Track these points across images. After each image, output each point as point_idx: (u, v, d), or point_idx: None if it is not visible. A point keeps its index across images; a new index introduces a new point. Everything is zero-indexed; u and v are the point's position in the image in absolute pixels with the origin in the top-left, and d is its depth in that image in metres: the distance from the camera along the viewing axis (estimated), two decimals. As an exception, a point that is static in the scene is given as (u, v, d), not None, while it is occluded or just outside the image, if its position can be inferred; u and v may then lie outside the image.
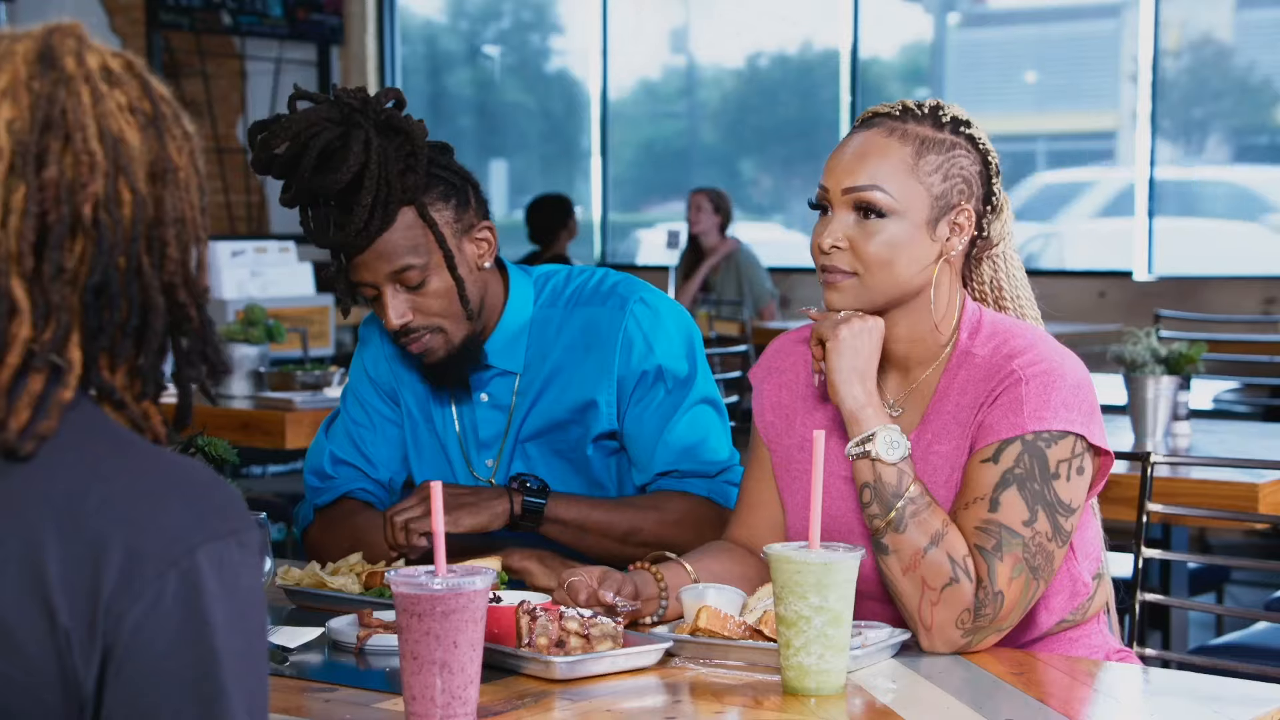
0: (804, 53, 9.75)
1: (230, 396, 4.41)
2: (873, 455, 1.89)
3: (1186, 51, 8.52)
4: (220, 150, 9.66)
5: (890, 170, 1.93)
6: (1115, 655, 2.08)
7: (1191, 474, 3.18)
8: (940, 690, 1.75)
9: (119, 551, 1.07)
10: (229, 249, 6.38)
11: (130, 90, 1.19)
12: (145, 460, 1.14)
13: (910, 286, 1.96)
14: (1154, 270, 8.19)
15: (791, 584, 1.73)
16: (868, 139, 1.96)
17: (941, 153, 1.95)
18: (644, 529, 2.28)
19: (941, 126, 1.97)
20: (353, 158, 2.16)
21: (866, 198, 1.93)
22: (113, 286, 1.14)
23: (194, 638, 1.08)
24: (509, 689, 1.76)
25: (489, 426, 2.40)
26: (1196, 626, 4.82)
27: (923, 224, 1.94)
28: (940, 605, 1.86)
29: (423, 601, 1.59)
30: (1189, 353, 3.46)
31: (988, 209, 1.99)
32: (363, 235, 2.20)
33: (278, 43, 9.72)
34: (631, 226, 10.32)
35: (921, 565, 1.86)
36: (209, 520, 1.11)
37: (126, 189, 1.15)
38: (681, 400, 2.33)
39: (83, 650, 1.07)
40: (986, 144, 2.00)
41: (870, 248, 1.93)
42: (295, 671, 1.84)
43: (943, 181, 1.94)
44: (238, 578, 1.10)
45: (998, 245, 2.06)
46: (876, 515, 1.89)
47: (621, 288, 2.37)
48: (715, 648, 1.88)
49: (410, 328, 2.27)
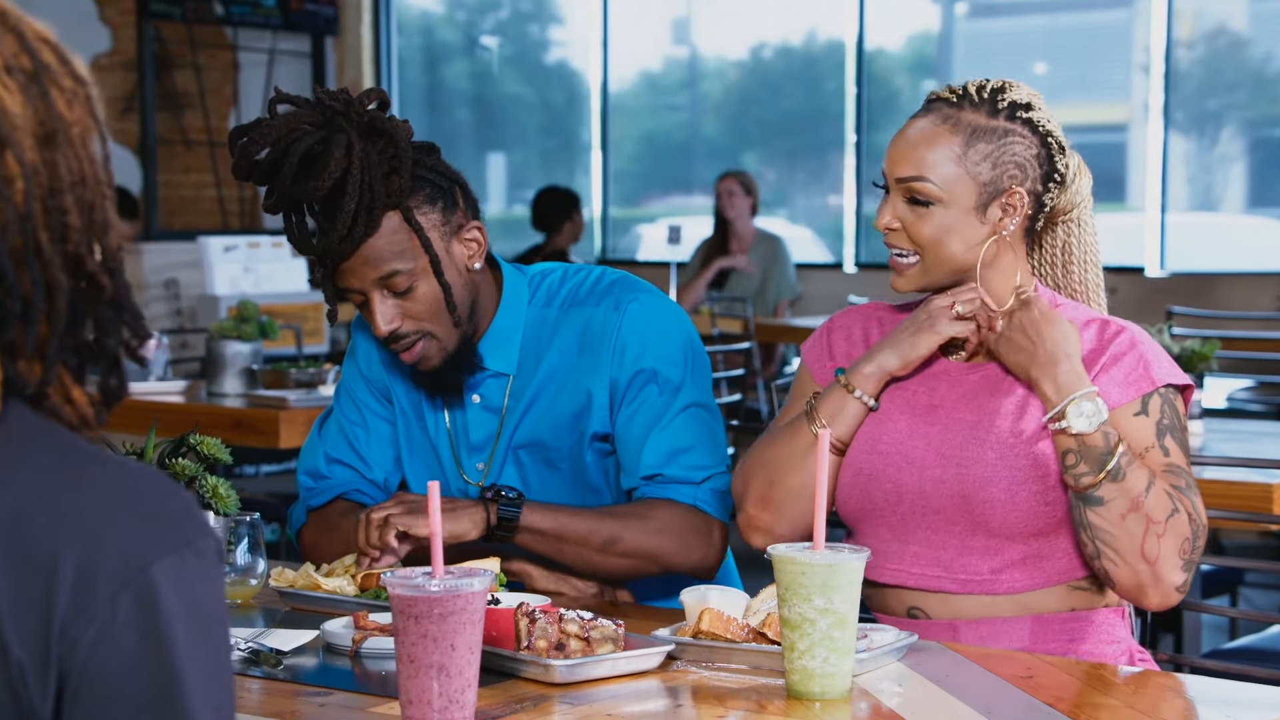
0: (809, 43, 9.75)
1: (223, 395, 4.42)
2: (1065, 427, 1.99)
3: (1200, 42, 8.53)
4: (212, 144, 9.67)
5: (937, 160, 2.08)
6: (1138, 656, 2.12)
7: (1205, 474, 3.18)
8: (948, 694, 1.76)
9: (70, 572, 1.03)
10: (221, 244, 6.38)
11: (4, 47, 1.08)
12: (91, 471, 1.08)
13: (967, 263, 2.10)
14: (1166, 266, 8.19)
15: (796, 585, 1.73)
16: (922, 127, 2.10)
17: (993, 141, 2.08)
18: (624, 538, 2.27)
19: (997, 113, 2.09)
20: (334, 163, 2.16)
21: (914, 187, 2.09)
22: (9, 275, 1.06)
23: (153, 658, 1.04)
24: (507, 693, 1.76)
25: (480, 429, 2.39)
26: (1209, 630, 4.83)
27: (970, 209, 2.08)
28: (1166, 536, 1.98)
29: (420, 604, 1.59)
30: (1202, 350, 3.46)
31: (1050, 185, 2.12)
32: (346, 242, 2.20)
33: (271, 33, 9.72)
34: (632, 222, 10.32)
35: (1145, 504, 1.98)
36: (162, 532, 1.06)
37: (14, 163, 1.06)
38: (672, 404, 2.31)
39: (38, 681, 1.03)
40: (1049, 125, 2.11)
41: (921, 231, 2.09)
42: (289, 675, 1.85)
43: (992, 169, 2.08)
44: (195, 591, 1.06)
45: (1071, 211, 2.18)
46: (1086, 473, 1.99)
47: (618, 288, 2.36)
48: (718, 651, 1.88)
49: (399, 334, 2.27)
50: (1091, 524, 1.99)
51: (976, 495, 2.06)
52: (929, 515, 2.10)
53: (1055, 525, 2.06)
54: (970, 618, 2.08)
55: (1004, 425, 2.08)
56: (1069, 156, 2.13)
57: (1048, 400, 2.01)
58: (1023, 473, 2.05)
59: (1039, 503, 2.05)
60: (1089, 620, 2.10)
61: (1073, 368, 2.01)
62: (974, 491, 2.06)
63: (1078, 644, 2.08)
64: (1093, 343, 2.10)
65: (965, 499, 2.07)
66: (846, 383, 2.14)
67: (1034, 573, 2.07)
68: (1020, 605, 2.08)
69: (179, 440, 2.24)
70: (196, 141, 9.63)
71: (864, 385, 2.13)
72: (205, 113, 9.64)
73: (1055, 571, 2.08)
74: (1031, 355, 2.03)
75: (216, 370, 4.46)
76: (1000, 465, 2.06)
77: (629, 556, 2.26)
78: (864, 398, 2.13)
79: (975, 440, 2.08)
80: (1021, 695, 1.76)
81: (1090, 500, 1.99)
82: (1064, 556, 2.08)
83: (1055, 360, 2.01)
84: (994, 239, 2.10)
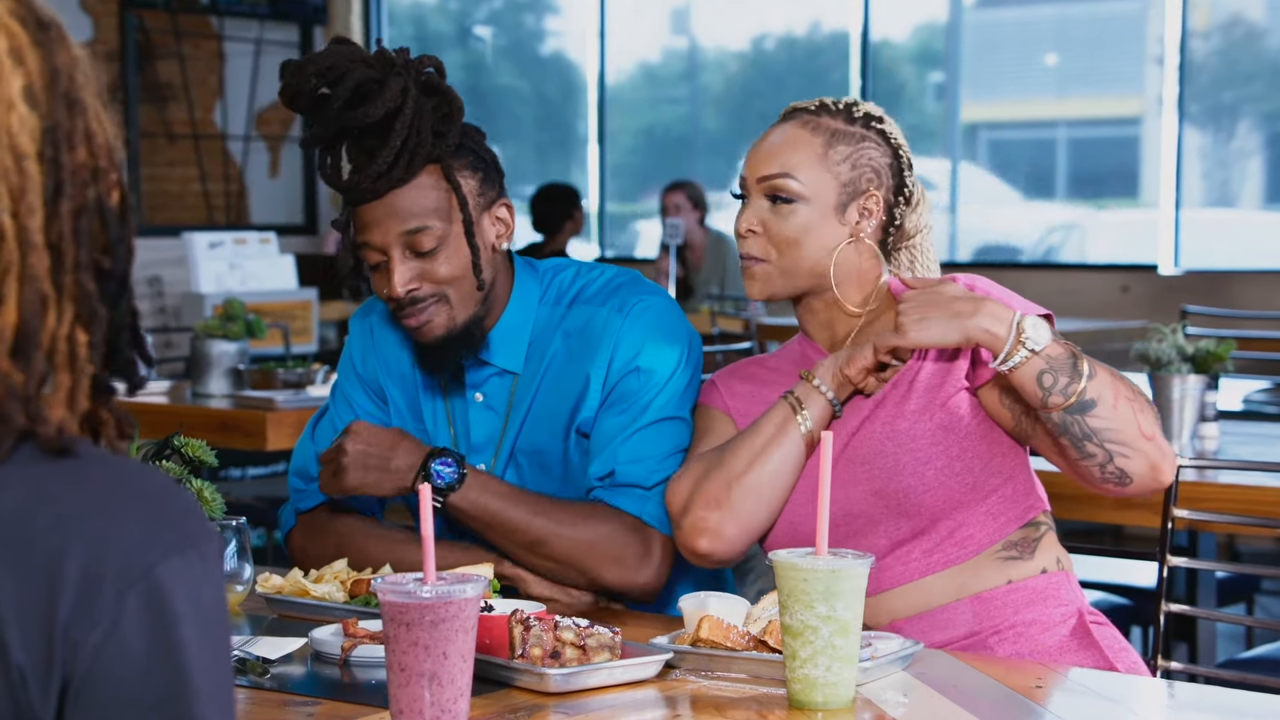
0: (812, 34, 9.76)
1: (208, 395, 4.42)
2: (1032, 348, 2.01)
3: (1216, 32, 8.53)
4: (197, 136, 9.67)
5: (801, 159, 2.19)
6: (1089, 618, 2.17)
7: (1220, 478, 3.19)
8: (954, 704, 1.76)
9: (74, 573, 1.05)
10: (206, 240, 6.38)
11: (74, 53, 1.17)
12: (94, 471, 1.10)
13: (823, 267, 2.21)
14: (1180, 263, 8.20)
15: (798, 592, 1.73)
16: (783, 130, 2.23)
17: (851, 143, 2.20)
18: (552, 544, 2.25)
19: (854, 121, 2.22)
20: (389, 97, 2.19)
21: (777, 185, 2.20)
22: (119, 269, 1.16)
23: (159, 660, 1.06)
24: (500, 702, 1.77)
25: (482, 429, 2.39)
26: (1225, 639, 4.83)
27: (830, 209, 2.19)
28: (1144, 408, 2.04)
29: (411, 610, 1.59)
30: (1217, 350, 3.46)
31: (900, 199, 2.23)
32: (382, 181, 2.21)
33: (258, 23, 9.73)
34: (630, 218, 10.33)
35: (1119, 387, 2.03)
36: (167, 533, 1.09)
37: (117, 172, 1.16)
38: (650, 410, 2.30)
39: (39, 685, 1.04)
40: (899, 139, 2.24)
41: (782, 231, 2.19)
42: (277, 684, 1.85)
43: (851, 170, 2.20)
44: (200, 592, 1.09)
45: (915, 237, 2.27)
46: (1070, 382, 2.02)
47: (627, 289, 2.36)
48: (717, 659, 1.88)
49: (416, 296, 2.27)
50: (1094, 429, 2.02)
51: (888, 487, 2.12)
52: (852, 521, 2.15)
53: (969, 495, 2.12)
54: (909, 614, 2.13)
55: (893, 411, 2.14)
56: (915, 177, 2.24)
57: (996, 338, 2.01)
58: (924, 453, 2.11)
59: (946, 477, 2.11)
60: (1029, 589, 2.15)
61: (992, 304, 2.03)
62: (884, 484, 2.13)
63: (1022, 614, 2.13)
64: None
65: (878, 495, 2.13)
66: (808, 376, 2.18)
67: (964, 544, 2.13)
68: (957, 588, 2.13)
69: (163, 442, 2.24)
70: (181, 134, 9.63)
71: (824, 377, 2.17)
72: (190, 104, 9.64)
73: (983, 537, 2.14)
74: (954, 314, 2.03)
75: (202, 370, 4.47)
76: (901, 452, 2.12)
77: (554, 561, 2.25)
78: (825, 390, 2.17)
79: (870, 436, 2.15)
80: (1031, 705, 1.76)
81: (1084, 406, 2.02)
82: (989, 521, 2.14)
83: (977, 305, 2.03)
84: (850, 242, 2.19)
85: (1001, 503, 2.15)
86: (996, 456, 2.14)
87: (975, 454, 2.12)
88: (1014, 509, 2.16)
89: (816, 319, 2.27)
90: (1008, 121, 9.63)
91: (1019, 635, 2.12)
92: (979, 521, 2.14)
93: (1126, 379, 2.07)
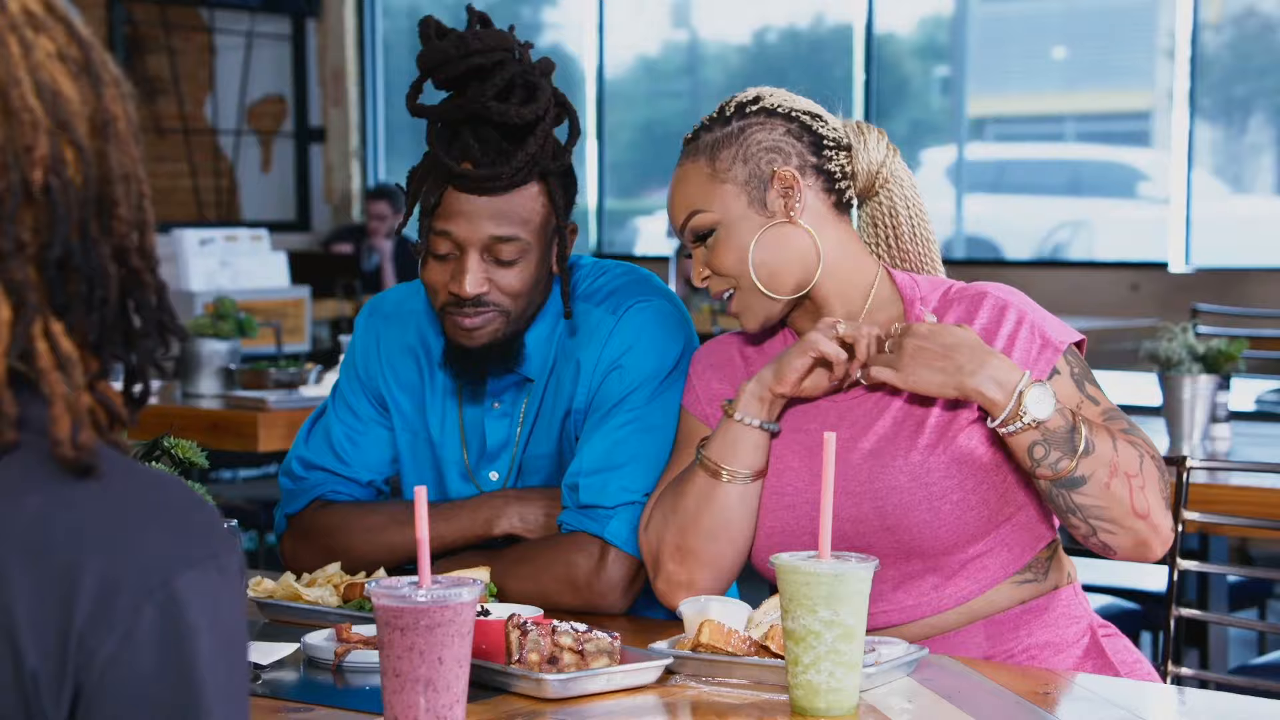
0: (815, 27, 9.76)
1: (199, 395, 4.42)
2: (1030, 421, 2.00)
3: (1228, 25, 8.54)
4: (187, 131, 9.67)
5: (695, 190, 2.17)
6: (1100, 632, 2.15)
7: (1231, 480, 3.19)
8: (960, 711, 1.76)
9: (92, 582, 1.05)
10: (197, 237, 6.39)
11: (56, 35, 1.13)
12: (115, 478, 1.10)
13: (786, 268, 2.15)
14: (1191, 261, 8.20)
15: (800, 596, 1.74)
16: (676, 176, 2.21)
17: (732, 144, 2.17)
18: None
19: (726, 121, 2.18)
20: (540, 104, 2.22)
21: (693, 225, 2.17)
22: (74, 258, 1.11)
23: (173, 673, 1.06)
24: (497, 709, 1.77)
25: (496, 435, 2.39)
26: (1237, 644, 4.84)
27: (748, 212, 2.15)
28: (1146, 485, 2.03)
29: (406, 615, 1.59)
30: (1228, 350, 3.46)
31: (823, 154, 2.16)
32: (498, 182, 2.22)
33: (249, 15, 9.73)
34: (629, 214, 10.33)
35: (1118, 464, 2.02)
36: (187, 545, 1.08)
37: (70, 147, 1.11)
38: (627, 413, 2.29)
39: (51, 692, 1.05)
40: (786, 103, 2.19)
41: (724, 261, 2.16)
42: (269, 690, 1.85)
43: (744, 165, 2.16)
44: (218, 606, 1.09)
45: (881, 170, 2.21)
46: (1061, 458, 2.01)
47: (628, 290, 2.35)
48: (718, 664, 1.88)
49: (483, 300, 2.26)
50: (1079, 505, 2.02)
51: (900, 524, 2.07)
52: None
53: (984, 528, 2.08)
54: (918, 639, 2.08)
55: (906, 445, 2.08)
56: (837, 121, 2.20)
57: (994, 404, 2.00)
58: (938, 488, 2.06)
59: (962, 511, 2.06)
60: (1040, 608, 2.13)
61: (999, 362, 2.01)
62: (896, 521, 2.07)
63: (1036, 636, 2.11)
64: (983, 321, 2.11)
65: (890, 530, 2.08)
66: (730, 410, 2.13)
67: (977, 577, 2.09)
68: (968, 614, 2.10)
69: (152, 443, 2.24)
70: (170, 129, 9.63)
71: (748, 408, 2.12)
72: (179, 99, 9.65)
73: (997, 569, 2.10)
74: (956, 367, 2.01)
75: (192, 370, 4.47)
76: (915, 487, 2.06)
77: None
78: (751, 421, 2.11)
79: (883, 468, 2.08)
80: (1038, 712, 1.76)
81: (1073, 483, 2.01)
82: (1003, 551, 2.10)
83: (982, 361, 2.00)
84: (777, 223, 2.13)
85: (1015, 531, 2.10)
86: (1011, 486, 2.10)
87: (991, 485, 2.08)
88: (1028, 536, 2.11)
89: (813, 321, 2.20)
90: (1015, 116, 9.64)
91: (1032, 659, 2.10)
92: (995, 554, 2.10)
93: (1136, 441, 2.04)
